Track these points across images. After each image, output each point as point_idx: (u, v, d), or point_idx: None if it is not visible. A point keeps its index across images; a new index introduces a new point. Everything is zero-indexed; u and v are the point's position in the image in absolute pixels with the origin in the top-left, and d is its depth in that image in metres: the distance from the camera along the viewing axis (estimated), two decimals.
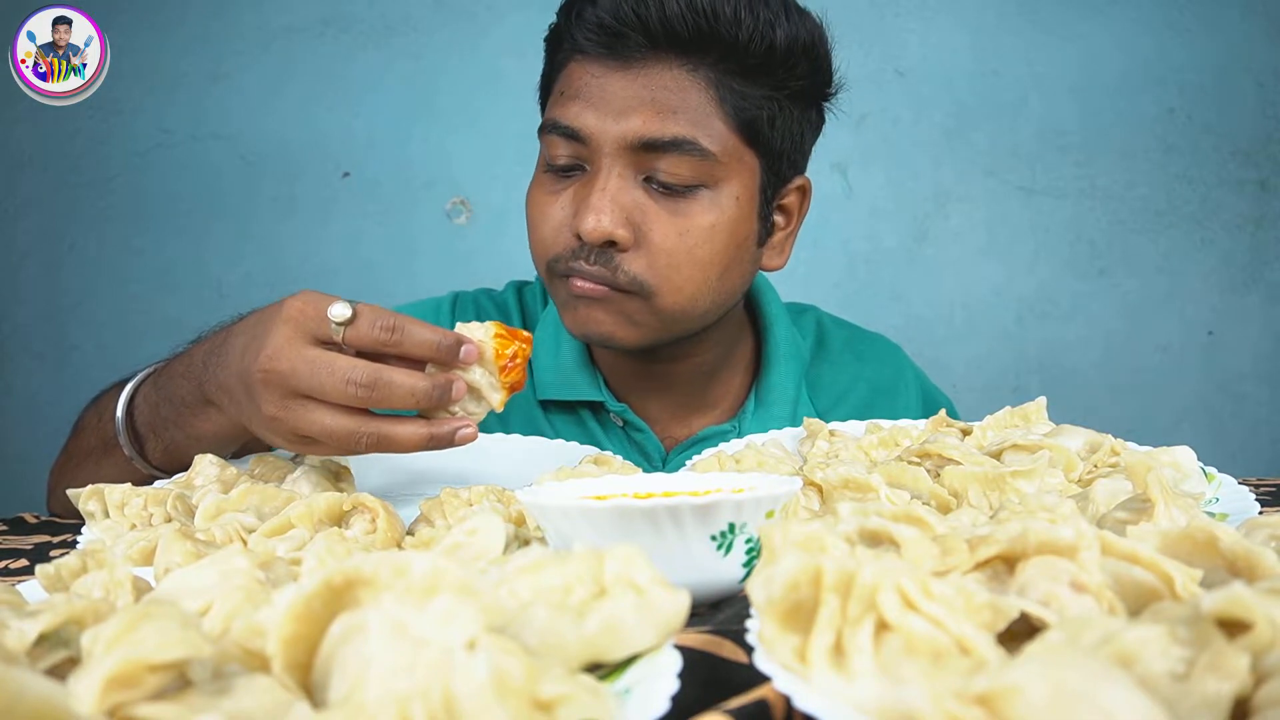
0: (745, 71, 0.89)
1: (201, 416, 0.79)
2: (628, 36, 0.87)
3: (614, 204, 0.87)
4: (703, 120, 0.88)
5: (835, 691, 0.32)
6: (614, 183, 0.88)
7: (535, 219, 0.94)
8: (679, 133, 0.87)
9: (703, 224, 0.90)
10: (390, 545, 0.63)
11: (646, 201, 0.89)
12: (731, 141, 0.90)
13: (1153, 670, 0.30)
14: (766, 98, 0.91)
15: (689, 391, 1.06)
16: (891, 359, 1.18)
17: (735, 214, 0.92)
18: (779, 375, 1.07)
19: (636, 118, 0.87)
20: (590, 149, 0.89)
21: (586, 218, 0.87)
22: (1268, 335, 2.13)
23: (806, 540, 0.39)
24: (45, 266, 2.03)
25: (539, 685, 0.30)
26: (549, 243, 0.92)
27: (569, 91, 0.91)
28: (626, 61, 0.88)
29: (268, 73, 2.03)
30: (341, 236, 2.05)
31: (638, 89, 0.88)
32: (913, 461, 0.72)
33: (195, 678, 0.31)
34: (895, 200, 2.10)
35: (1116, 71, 2.09)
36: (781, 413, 1.05)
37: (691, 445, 1.03)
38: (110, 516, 0.69)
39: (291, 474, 0.76)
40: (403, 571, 0.33)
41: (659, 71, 0.88)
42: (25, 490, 2.01)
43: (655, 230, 0.89)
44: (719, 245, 0.91)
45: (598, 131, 0.88)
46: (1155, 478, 0.53)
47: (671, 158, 0.87)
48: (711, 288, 0.93)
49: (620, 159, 0.88)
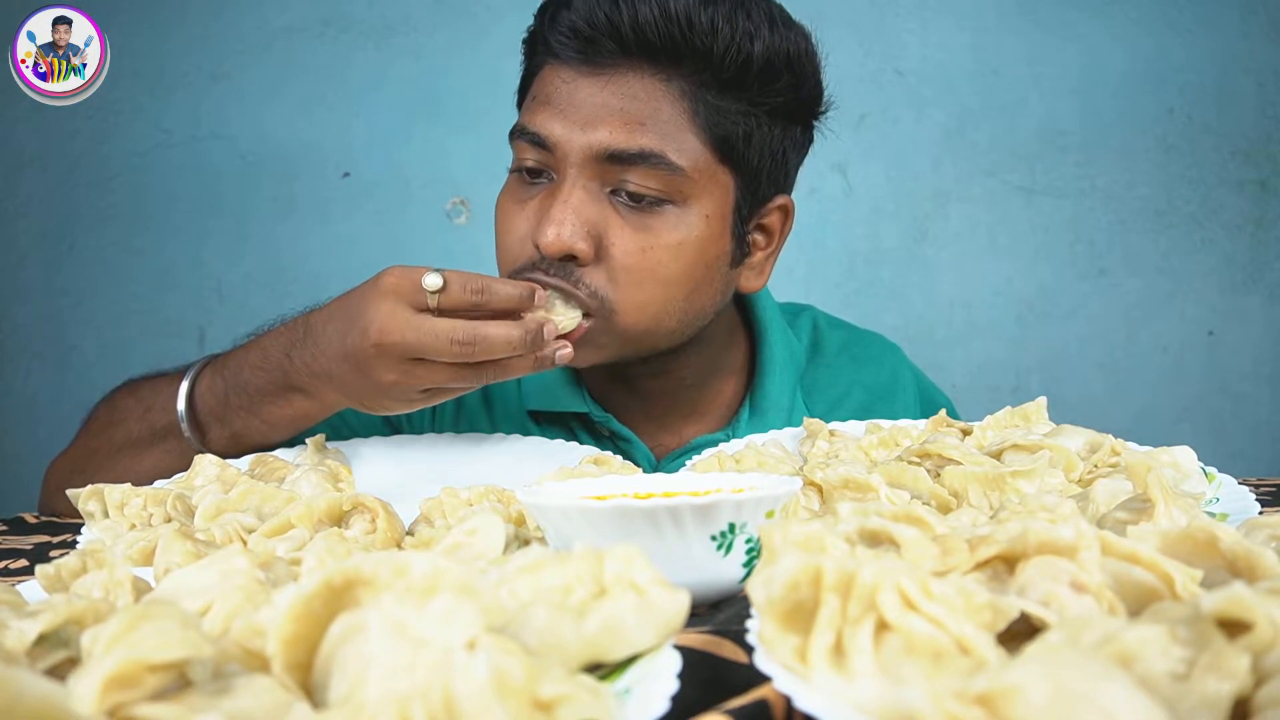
0: (721, 84, 0.85)
1: (282, 403, 0.85)
2: (600, 42, 0.84)
3: (576, 216, 0.84)
4: (673, 133, 0.85)
5: (835, 691, 0.32)
6: (577, 195, 0.85)
7: (500, 228, 0.92)
8: (646, 145, 0.84)
9: (668, 241, 0.86)
10: (390, 545, 0.63)
11: (611, 215, 0.86)
12: (704, 157, 0.86)
13: (1153, 670, 0.30)
14: (743, 113, 0.87)
15: (671, 404, 1.04)
16: (889, 360, 1.15)
17: (704, 233, 0.88)
18: (774, 384, 1.04)
19: (604, 128, 0.84)
20: (556, 157, 0.86)
21: (547, 229, 0.84)
22: (1268, 335, 2.13)
23: (806, 540, 0.39)
24: (45, 266, 2.03)
25: (539, 685, 0.30)
26: (513, 253, 0.90)
27: (540, 97, 0.89)
28: (598, 68, 0.85)
29: (268, 73, 2.03)
30: (341, 236, 2.05)
31: (607, 97, 0.85)
32: (913, 461, 0.72)
33: (195, 678, 0.31)
34: (895, 200, 2.10)
35: (1117, 71, 2.09)
36: (776, 420, 1.02)
37: (683, 454, 1.00)
38: (110, 516, 0.69)
39: (290, 474, 0.76)
40: (403, 571, 0.33)
41: (630, 80, 0.85)
42: (25, 490, 2.01)
43: (617, 245, 0.86)
44: (685, 264, 0.88)
45: (564, 140, 0.85)
46: (1155, 478, 0.53)
47: (639, 170, 0.84)
48: (678, 308, 0.90)
49: (586, 170, 0.85)
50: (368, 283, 0.79)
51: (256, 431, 0.88)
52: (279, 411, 0.86)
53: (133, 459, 0.91)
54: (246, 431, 0.88)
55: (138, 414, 0.93)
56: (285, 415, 0.86)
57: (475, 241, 2.07)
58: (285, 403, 0.85)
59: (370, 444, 0.94)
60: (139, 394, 0.95)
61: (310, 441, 0.88)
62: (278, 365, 0.84)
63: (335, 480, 0.77)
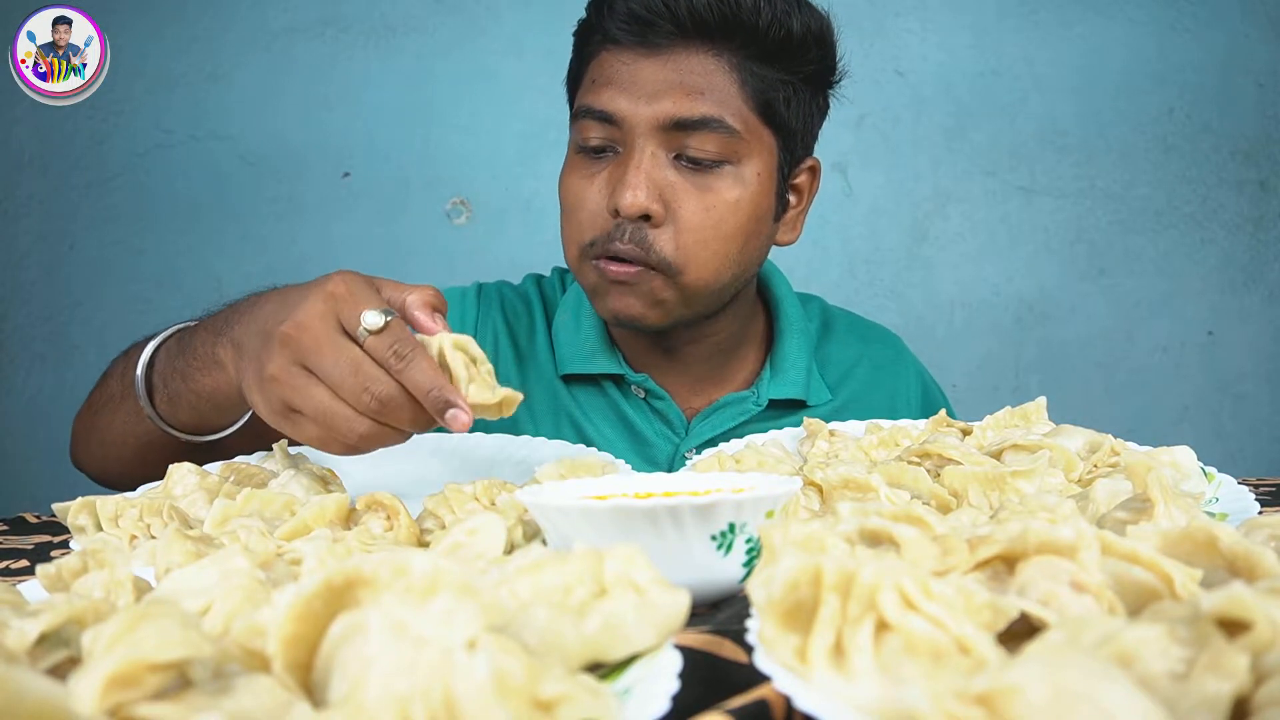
0: (764, 56, 0.96)
1: (204, 372, 0.82)
2: (658, 25, 0.94)
3: (648, 179, 0.93)
4: (727, 101, 0.95)
5: (835, 691, 0.32)
6: (647, 160, 0.94)
7: (572, 203, 1.00)
8: (707, 112, 0.94)
9: (728, 199, 0.96)
10: (412, 541, 0.63)
11: (676, 179, 0.95)
12: (752, 121, 0.97)
13: (1153, 670, 0.30)
14: (782, 81, 0.97)
15: (706, 369, 1.11)
16: (893, 341, 1.25)
17: (756, 189, 0.98)
18: (791, 346, 1.12)
19: (668, 100, 0.94)
20: (623, 130, 0.95)
21: (624, 194, 0.93)
22: (1268, 335, 2.13)
23: (806, 540, 0.39)
24: (45, 266, 2.03)
25: (539, 685, 0.30)
26: (586, 225, 0.97)
27: (600, 79, 0.97)
28: (656, 49, 0.95)
29: (268, 73, 2.03)
30: (341, 236, 2.05)
31: (667, 73, 0.94)
32: (913, 461, 0.72)
33: (195, 678, 0.31)
34: (895, 200, 2.11)
35: (1116, 71, 2.09)
36: (796, 378, 1.10)
37: (713, 411, 1.09)
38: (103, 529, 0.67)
39: (276, 480, 0.76)
40: (403, 571, 0.33)
41: (686, 57, 0.95)
42: (25, 490, 2.02)
43: (684, 206, 0.95)
44: (742, 219, 0.98)
45: (631, 113, 0.94)
46: (1155, 478, 0.53)
47: (700, 135, 0.94)
48: (733, 261, 0.99)
49: (652, 139, 0.94)
50: (318, 280, 0.71)
51: (183, 400, 0.85)
52: (201, 380, 0.82)
53: (109, 417, 0.94)
54: (176, 397, 0.85)
55: (119, 370, 0.95)
56: (205, 386, 0.82)
57: (475, 242, 2.07)
58: (206, 372, 0.81)
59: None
60: (130, 352, 0.97)
61: (276, 447, 0.88)
62: (217, 330, 0.81)
63: (324, 483, 0.77)
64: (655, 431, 1.08)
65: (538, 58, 2.02)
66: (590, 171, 0.98)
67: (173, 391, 0.86)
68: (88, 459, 1.01)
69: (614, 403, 1.09)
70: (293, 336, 0.67)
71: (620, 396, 1.09)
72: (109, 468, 0.98)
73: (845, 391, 1.14)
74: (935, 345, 2.06)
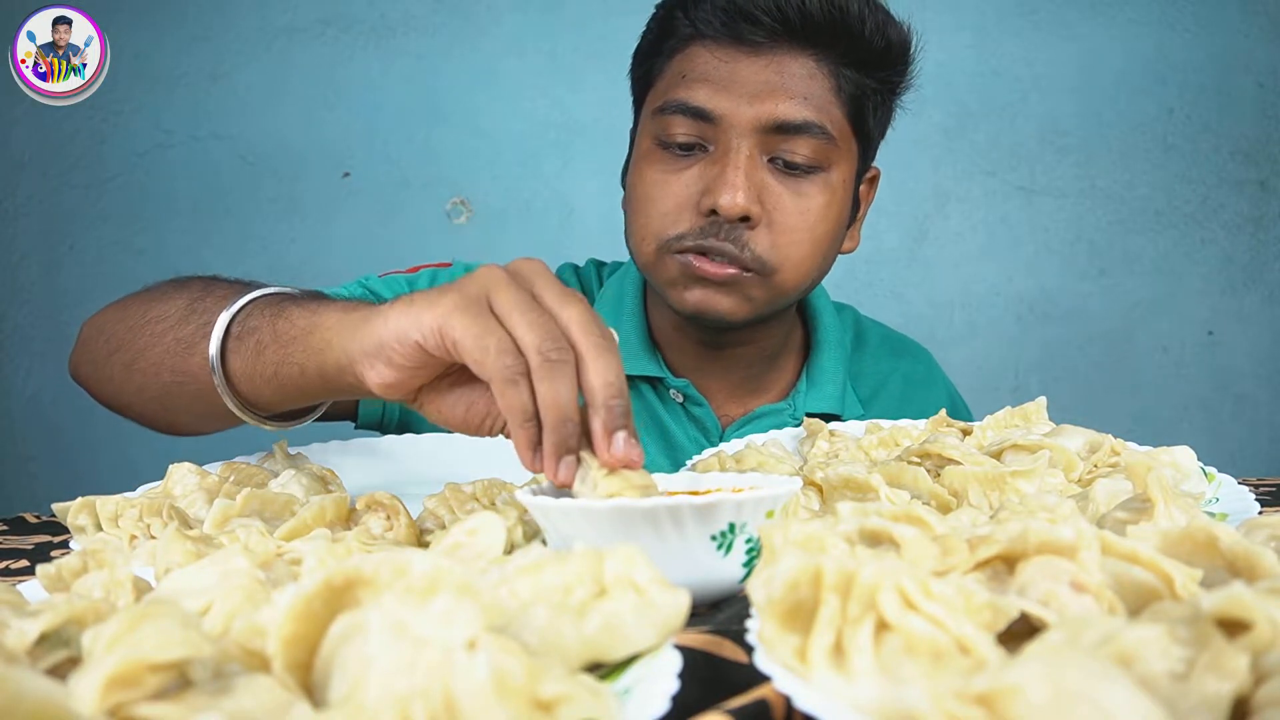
0: (861, 63, 0.95)
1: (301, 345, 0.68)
2: (760, 23, 0.92)
3: (748, 180, 0.92)
4: (825, 106, 0.94)
5: (835, 691, 0.32)
6: (746, 162, 0.92)
7: (652, 195, 0.96)
8: (809, 117, 0.93)
9: (819, 203, 0.96)
10: (412, 541, 0.63)
11: (772, 181, 0.94)
12: (844, 127, 0.97)
13: (1153, 670, 0.30)
14: (874, 89, 0.98)
15: (748, 375, 1.10)
16: (924, 356, 1.25)
17: (842, 195, 0.99)
18: (828, 358, 1.12)
19: (770, 101, 0.92)
20: (719, 129, 0.93)
21: (723, 193, 0.91)
22: (1268, 335, 2.13)
23: (806, 540, 0.39)
24: (45, 266, 2.03)
25: (539, 685, 0.30)
26: (669, 220, 0.95)
27: (693, 74, 0.95)
28: (755, 48, 0.93)
29: (268, 73, 2.03)
30: (342, 236, 2.05)
31: (769, 75, 0.93)
32: (913, 461, 0.71)
33: (195, 678, 0.31)
34: (895, 200, 2.10)
35: (1116, 71, 2.09)
36: (832, 391, 1.09)
37: (748, 422, 1.07)
38: (103, 529, 0.67)
39: (276, 479, 0.76)
40: (403, 571, 0.33)
41: (788, 59, 0.93)
42: (26, 490, 2.02)
43: (780, 209, 0.94)
44: (830, 224, 0.97)
45: (730, 113, 0.92)
46: (1155, 478, 0.53)
47: (799, 140, 0.93)
48: (817, 266, 0.99)
49: (750, 139, 0.93)
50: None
51: (269, 357, 0.70)
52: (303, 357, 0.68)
53: (150, 337, 0.80)
54: (263, 348, 0.70)
55: (183, 299, 0.83)
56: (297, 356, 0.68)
57: (475, 242, 2.07)
58: (302, 345, 0.68)
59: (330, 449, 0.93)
60: (188, 283, 0.86)
61: (276, 446, 0.88)
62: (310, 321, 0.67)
63: (324, 483, 0.77)
64: (689, 437, 1.06)
65: (538, 58, 2.02)
66: (675, 167, 0.95)
67: (260, 342, 0.71)
68: (92, 372, 0.89)
69: (649, 406, 1.07)
70: (499, 270, 0.58)
71: (656, 400, 1.07)
72: (122, 389, 0.86)
73: (877, 406, 1.13)
74: (935, 345, 2.03)
